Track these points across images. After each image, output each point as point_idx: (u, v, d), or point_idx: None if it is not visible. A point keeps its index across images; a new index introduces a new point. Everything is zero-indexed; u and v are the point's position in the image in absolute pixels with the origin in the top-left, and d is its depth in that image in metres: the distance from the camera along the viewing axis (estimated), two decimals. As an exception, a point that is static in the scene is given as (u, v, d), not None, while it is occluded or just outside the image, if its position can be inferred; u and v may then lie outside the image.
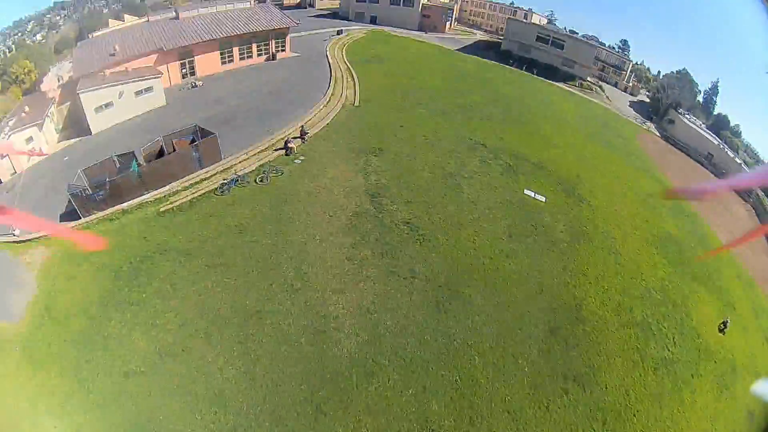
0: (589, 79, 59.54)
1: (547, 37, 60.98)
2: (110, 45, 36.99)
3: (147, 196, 21.47)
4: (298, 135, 27.26)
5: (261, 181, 22.91)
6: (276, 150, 25.77)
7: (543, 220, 22.84)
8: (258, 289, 16.63)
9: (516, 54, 62.11)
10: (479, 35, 78.03)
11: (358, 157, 25.61)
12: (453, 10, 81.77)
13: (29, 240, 18.22)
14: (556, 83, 56.76)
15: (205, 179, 22.99)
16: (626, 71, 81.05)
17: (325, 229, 19.82)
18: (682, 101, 77.19)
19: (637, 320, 17.87)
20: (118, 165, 22.12)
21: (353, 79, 39.18)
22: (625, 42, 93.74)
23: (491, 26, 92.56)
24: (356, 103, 34.35)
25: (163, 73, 37.97)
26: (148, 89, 34.45)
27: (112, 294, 16.00)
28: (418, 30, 66.59)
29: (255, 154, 25.33)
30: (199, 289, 16.34)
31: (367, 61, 44.44)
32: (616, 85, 78.58)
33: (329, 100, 33.89)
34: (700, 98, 78.94)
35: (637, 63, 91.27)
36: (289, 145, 25.57)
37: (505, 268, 19.00)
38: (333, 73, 39.25)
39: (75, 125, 29.47)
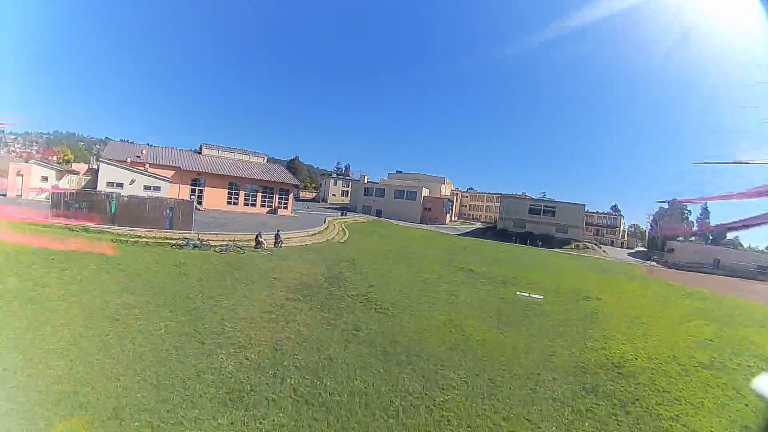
0: (584, 241, 61.40)
1: (539, 207, 65.43)
2: (139, 150, 43.24)
3: (112, 228, 22.42)
4: (274, 239, 26.10)
5: (221, 251, 22.29)
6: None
7: (543, 308, 18.94)
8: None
9: (512, 231, 65.25)
10: (478, 225, 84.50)
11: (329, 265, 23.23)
12: (453, 202, 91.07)
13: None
14: (553, 249, 57.64)
15: (169, 238, 22.74)
16: (620, 227, 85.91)
17: (266, 293, 17.75)
18: (677, 229, 77.97)
19: (705, 363, 13.50)
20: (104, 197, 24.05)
21: (344, 233, 39.80)
22: (615, 206, 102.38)
23: (489, 217, 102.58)
24: (343, 240, 34.68)
25: (173, 180, 42.39)
26: (157, 188, 38.01)
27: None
28: (420, 223, 71.17)
29: (227, 237, 25.27)
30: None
31: (363, 231, 45.86)
32: (612, 243, 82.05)
33: (318, 232, 34.23)
34: (693, 219, 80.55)
35: (629, 225, 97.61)
36: (260, 239, 24.43)
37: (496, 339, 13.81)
38: (327, 225, 40.27)
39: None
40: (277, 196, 51.54)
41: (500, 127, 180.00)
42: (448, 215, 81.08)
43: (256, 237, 24.66)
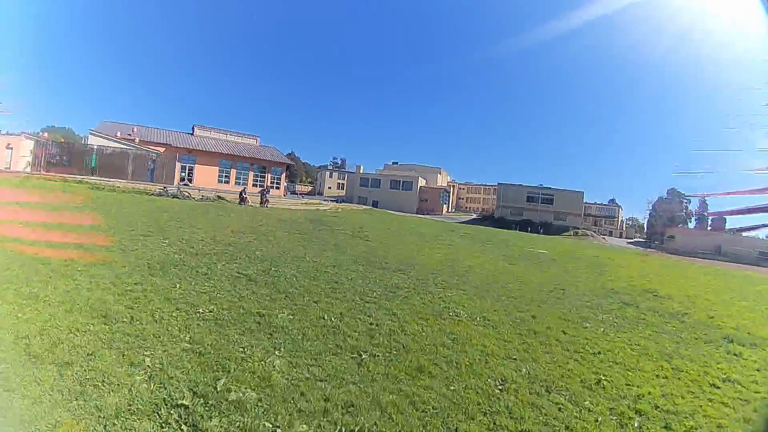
0: (582, 228, 60.21)
1: (537, 195, 63.65)
2: (130, 128, 42.16)
3: (91, 178, 21.56)
4: (260, 199, 24.86)
5: (202, 200, 21.29)
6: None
7: (550, 260, 18.33)
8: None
9: (510, 218, 63.71)
10: (474, 215, 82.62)
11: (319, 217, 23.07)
12: (449, 193, 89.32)
13: None
14: (551, 236, 56.39)
15: (149, 190, 21.74)
16: (618, 218, 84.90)
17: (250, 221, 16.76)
18: (676, 218, 77.17)
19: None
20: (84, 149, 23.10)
21: (338, 209, 38.41)
22: (612, 200, 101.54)
23: (486, 209, 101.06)
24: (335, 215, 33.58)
25: (162, 153, 41.16)
26: None
27: None
28: (416, 213, 68.08)
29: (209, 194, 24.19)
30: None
31: (357, 213, 43.73)
32: (610, 234, 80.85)
33: (310, 202, 33.18)
34: (692, 208, 79.52)
35: (627, 217, 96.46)
36: (244, 195, 23.54)
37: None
38: (320, 202, 39.03)
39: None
40: (270, 176, 50.29)
41: (498, 121, 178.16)
42: (444, 206, 79.68)
43: (240, 194, 23.72)
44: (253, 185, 48.41)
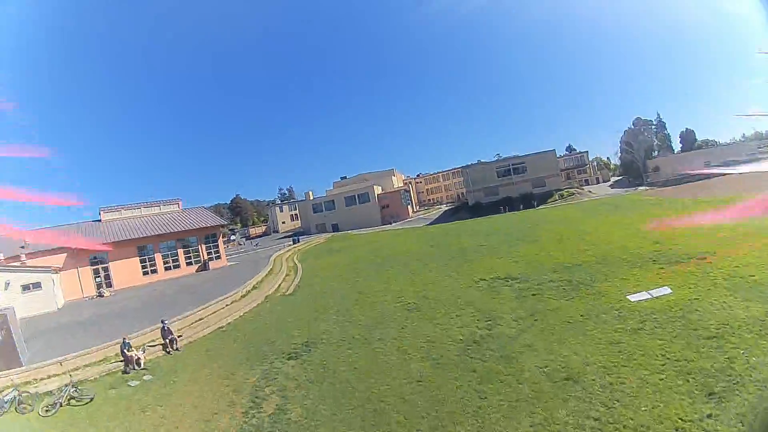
0: (566, 189, 55.98)
1: (508, 167, 58.51)
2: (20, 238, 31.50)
3: None
4: (162, 343, 15.65)
5: (47, 411, 11.87)
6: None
7: None
8: None
9: (486, 201, 58.26)
10: (444, 207, 76.79)
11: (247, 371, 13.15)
12: (409, 191, 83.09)
13: None
14: (538, 209, 50.66)
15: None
16: (587, 164, 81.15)
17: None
18: (655, 146, 74.17)
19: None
20: None
21: (296, 271, 31.01)
22: (569, 147, 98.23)
23: (451, 196, 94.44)
24: (291, 290, 24.65)
25: (58, 272, 31.68)
26: (37, 285, 27.49)
27: None
28: (382, 224, 63.35)
29: (78, 361, 14.18)
30: None
31: (320, 257, 37.76)
32: (587, 182, 76.75)
33: (253, 287, 24.53)
34: (670, 134, 77.03)
35: (592, 158, 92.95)
36: (127, 352, 14.14)
37: None
38: (270, 269, 30.87)
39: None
40: (203, 247, 40.56)
41: (438, 99, 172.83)
42: (409, 207, 73.24)
43: (122, 350, 14.23)
44: (188, 263, 38.80)
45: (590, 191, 59.60)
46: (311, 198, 75.18)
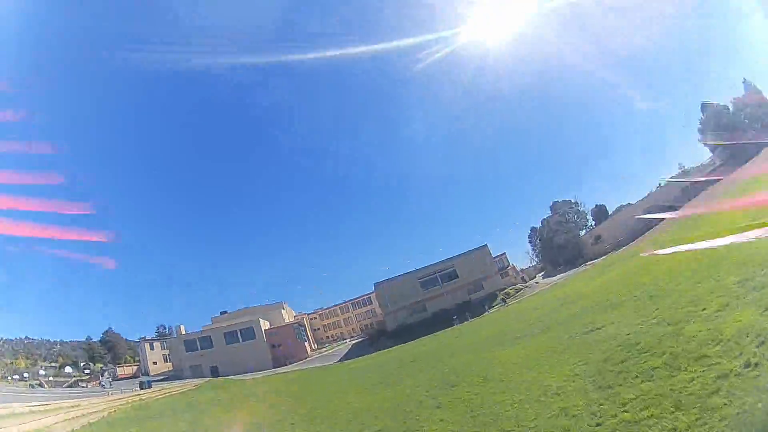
0: (508, 287, 48.97)
1: (433, 275, 50.52)
2: None
3: None
4: None
5: None
6: None
7: None
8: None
9: (412, 322, 48.31)
10: (350, 342, 67.34)
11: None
12: (304, 326, 73.18)
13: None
14: (474, 319, 42.03)
15: None
16: (511, 265, 73.06)
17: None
18: (574, 227, 68.63)
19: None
20: None
21: None
22: (483, 245, 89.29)
23: (354, 330, 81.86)
24: None
25: None
26: None
27: None
28: (274, 366, 52.66)
29: None
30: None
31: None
32: (523, 279, 64.33)
33: None
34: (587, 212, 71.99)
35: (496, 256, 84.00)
36: None
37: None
38: None
39: None
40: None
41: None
42: (306, 344, 63.17)
43: None
44: None
45: (537, 281, 53.93)
46: (183, 333, 61.15)
